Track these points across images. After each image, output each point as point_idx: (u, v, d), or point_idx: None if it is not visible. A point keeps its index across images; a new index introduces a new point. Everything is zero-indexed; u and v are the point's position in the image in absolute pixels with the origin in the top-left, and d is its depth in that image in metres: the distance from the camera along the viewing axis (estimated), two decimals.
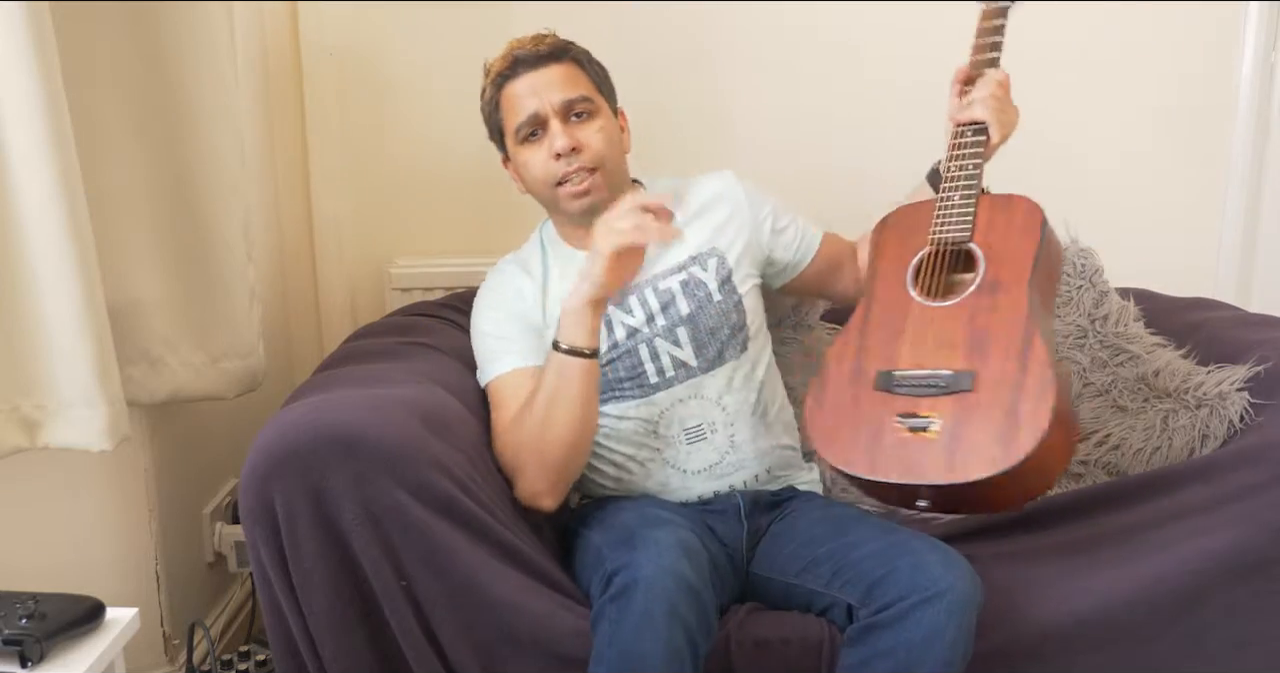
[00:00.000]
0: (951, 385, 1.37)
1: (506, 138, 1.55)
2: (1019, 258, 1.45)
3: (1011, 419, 1.31)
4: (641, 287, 1.54)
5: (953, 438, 1.34)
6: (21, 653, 1.12)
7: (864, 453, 1.39)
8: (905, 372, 1.41)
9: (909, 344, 1.43)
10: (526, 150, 1.52)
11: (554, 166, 1.49)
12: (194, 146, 1.48)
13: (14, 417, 1.30)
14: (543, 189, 1.52)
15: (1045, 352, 1.36)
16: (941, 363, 1.40)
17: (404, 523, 1.21)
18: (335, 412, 1.26)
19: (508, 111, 1.53)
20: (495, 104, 1.55)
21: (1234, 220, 2.23)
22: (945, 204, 1.53)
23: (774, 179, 2.09)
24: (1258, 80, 2.17)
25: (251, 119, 1.83)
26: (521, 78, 1.51)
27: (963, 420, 1.34)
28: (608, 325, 1.52)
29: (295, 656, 1.28)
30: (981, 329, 1.41)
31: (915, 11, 2.12)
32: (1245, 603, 1.36)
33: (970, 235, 1.48)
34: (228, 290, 1.55)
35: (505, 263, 1.64)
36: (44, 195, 1.22)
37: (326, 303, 2.15)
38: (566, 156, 1.47)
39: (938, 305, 1.45)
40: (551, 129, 1.48)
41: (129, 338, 1.46)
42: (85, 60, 1.35)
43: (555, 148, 1.47)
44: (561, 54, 1.53)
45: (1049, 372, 1.33)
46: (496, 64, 1.54)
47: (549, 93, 1.49)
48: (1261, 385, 1.59)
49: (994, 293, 1.43)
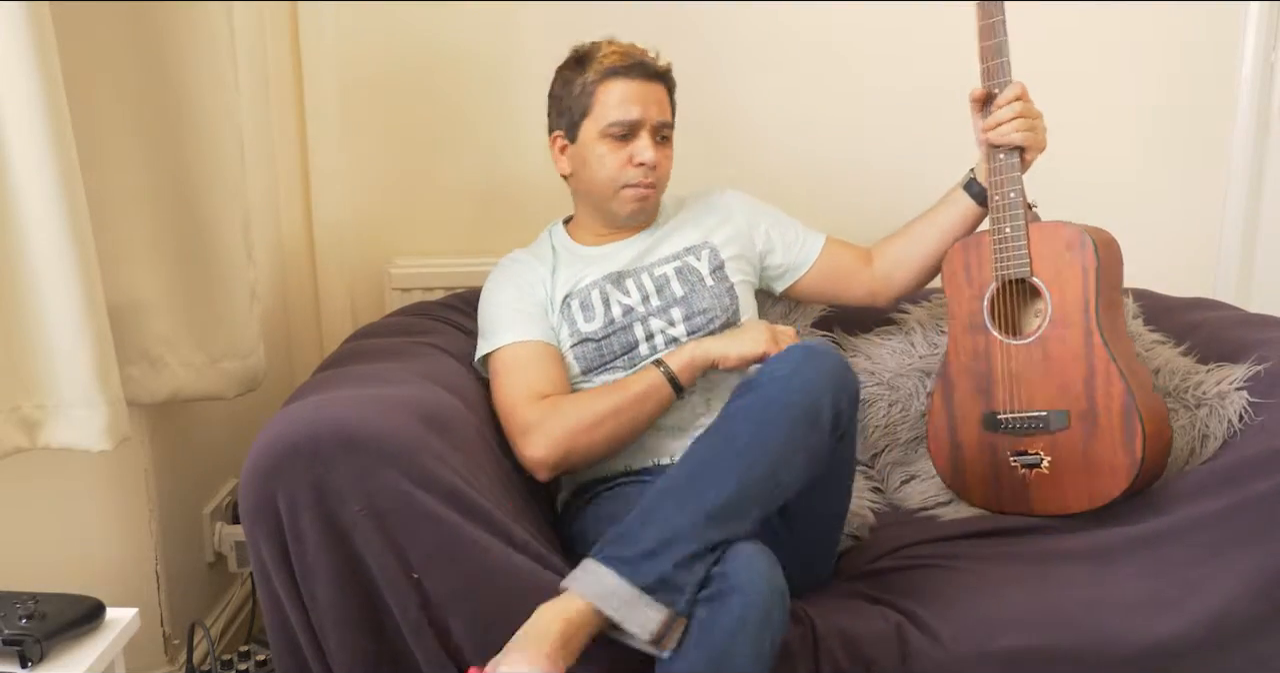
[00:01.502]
0: (1050, 424, 1.54)
1: (584, 124, 1.59)
2: (1077, 289, 1.55)
3: (1110, 455, 1.50)
4: (638, 273, 1.63)
5: (1062, 475, 1.54)
6: (21, 653, 1.12)
7: (992, 491, 1.63)
8: (1006, 414, 1.58)
9: (1002, 384, 1.60)
10: (607, 145, 1.58)
11: (630, 172, 1.59)
12: (194, 147, 1.48)
13: (14, 417, 1.30)
14: (605, 185, 1.60)
15: (1123, 385, 1.50)
16: (1036, 402, 1.56)
17: (412, 514, 1.21)
18: (336, 409, 1.26)
19: (607, 103, 1.57)
20: (592, 91, 1.58)
21: (1234, 220, 2.23)
22: (999, 237, 1.60)
23: (778, 180, 2.10)
24: (1258, 80, 2.17)
25: (251, 119, 1.83)
26: (636, 81, 1.57)
27: (1067, 458, 1.54)
28: (604, 303, 1.61)
29: (296, 654, 1.28)
30: (1062, 367, 1.54)
31: (919, 13, 2.12)
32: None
33: (1030, 268, 1.57)
34: (228, 290, 1.55)
35: (519, 253, 1.72)
36: (44, 195, 1.22)
37: (326, 303, 2.15)
38: (646, 169, 1.58)
39: (1017, 344, 1.59)
40: (642, 140, 1.58)
41: (129, 338, 1.46)
42: (85, 61, 1.35)
43: (641, 158, 1.57)
44: (667, 78, 1.62)
45: (1133, 403, 1.49)
46: (612, 56, 1.58)
47: (653, 108, 1.58)
48: (1261, 385, 1.59)
49: (1065, 328, 1.54)
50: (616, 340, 1.60)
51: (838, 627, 1.34)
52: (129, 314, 1.45)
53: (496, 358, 1.58)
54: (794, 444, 1.27)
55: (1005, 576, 1.45)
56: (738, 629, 1.16)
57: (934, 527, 1.63)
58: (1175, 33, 2.17)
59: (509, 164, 2.14)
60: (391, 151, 2.13)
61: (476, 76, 2.10)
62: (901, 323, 1.96)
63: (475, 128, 2.13)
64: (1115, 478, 1.50)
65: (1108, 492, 1.51)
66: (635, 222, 1.66)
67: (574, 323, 1.61)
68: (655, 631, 1.17)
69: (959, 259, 1.67)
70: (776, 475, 1.26)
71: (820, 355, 1.32)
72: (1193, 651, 1.32)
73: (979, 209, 1.67)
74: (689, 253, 1.66)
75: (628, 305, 1.61)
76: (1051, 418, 1.54)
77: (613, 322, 1.60)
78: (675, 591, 1.18)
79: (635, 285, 1.63)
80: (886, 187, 2.19)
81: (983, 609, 1.37)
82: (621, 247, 1.67)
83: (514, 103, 2.11)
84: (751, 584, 1.18)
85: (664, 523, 1.21)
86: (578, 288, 1.63)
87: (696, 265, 1.65)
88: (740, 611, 1.17)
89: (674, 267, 1.64)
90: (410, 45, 2.08)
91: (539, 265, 1.66)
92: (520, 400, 1.51)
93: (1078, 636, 1.33)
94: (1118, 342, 1.55)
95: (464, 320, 1.81)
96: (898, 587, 1.44)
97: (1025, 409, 1.57)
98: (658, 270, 1.64)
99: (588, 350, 1.60)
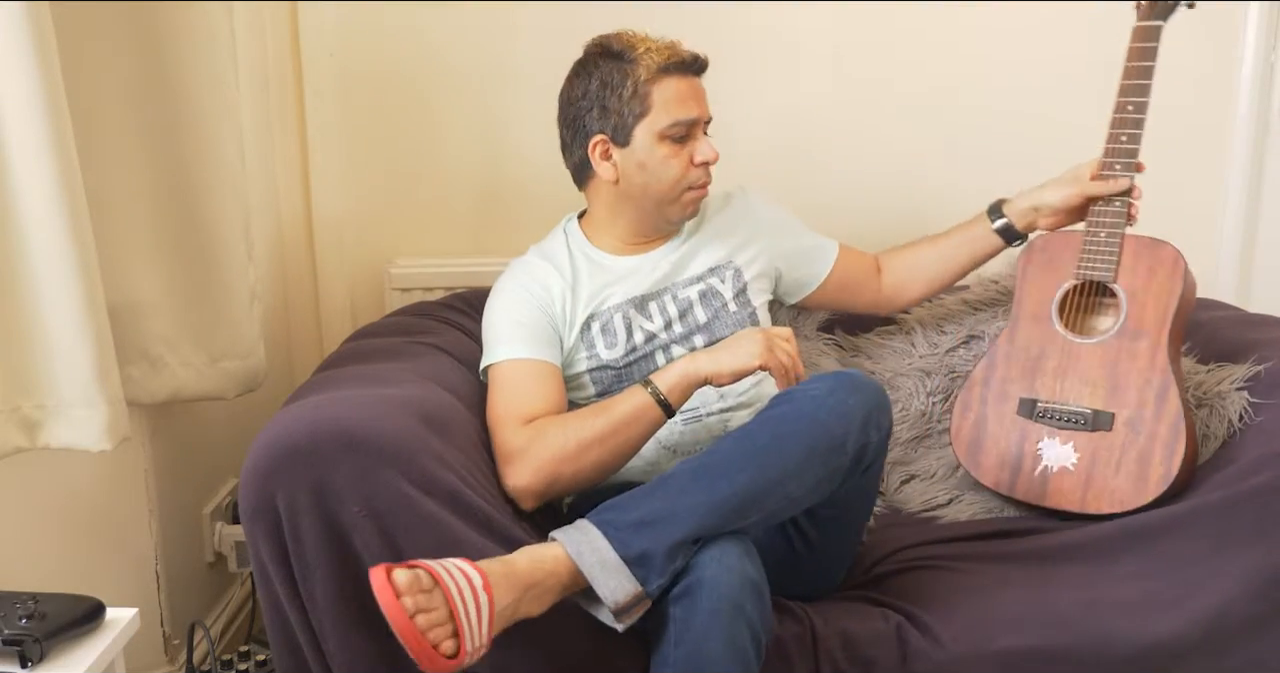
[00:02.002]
0: (1092, 423, 1.52)
1: (639, 126, 1.50)
2: (1161, 306, 1.55)
3: (1143, 465, 1.48)
4: (661, 295, 1.58)
5: (1089, 473, 1.52)
6: (21, 653, 1.12)
7: (1007, 473, 1.59)
8: (1048, 403, 1.56)
9: (1052, 375, 1.57)
10: (668, 147, 1.50)
11: (695, 173, 1.52)
12: (194, 147, 1.48)
13: (14, 417, 1.30)
14: (669, 187, 1.53)
15: (1179, 403, 1.49)
16: (1084, 399, 1.54)
17: (412, 515, 1.22)
18: (336, 410, 1.26)
19: (665, 103, 1.49)
20: (646, 91, 1.48)
21: (1234, 220, 2.23)
22: (1092, 240, 1.60)
23: (770, 181, 2.09)
24: (1258, 80, 2.17)
25: (251, 119, 1.83)
26: (688, 79, 1.50)
27: (1100, 458, 1.52)
28: (627, 329, 1.56)
29: (295, 653, 1.28)
30: (1123, 373, 1.53)
31: (920, 12, 2.12)
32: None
33: (1114, 275, 1.57)
34: (228, 290, 1.55)
35: (533, 256, 1.63)
36: (44, 195, 1.22)
37: (326, 303, 2.15)
38: (707, 168, 1.53)
39: (1082, 342, 1.57)
40: (701, 139, 1.52)
41: (129, 338, 1.46)
42: (85, 61, 1.35)
43: (704, 157, 1.51)
44: (704, 71, 1.54)
45: (1182, 422, 1.47)
46: (660, 53, 1.49)
47: (705, 104, 1.53)
48: (1261, 385, 1.59)
49: (1136, 339, 1.54)
50: (637, 369, 1.55)
51: (837, 627, 1.34)
52: (129, 314, 1.45)
53: (493, 372, 1.52)
54: (812, 462, 1.26)
55: (1004, 577, 1.45)
56: (710, 623, 1.16)
57: (933, 529, 1.63)
58: (1175, 32, 2.16)
59: (509, 164, 2.14)
60: (391, 151, 2.13)
61: (476, 76, 2.10)
62: (902, 323, 1.96)
63: (475, 128, 2.13)
64: (1145, 487, 1.49)
65: (1134, 499, 1.49)
66: (683, 224, 1.61)
67: (593, 347, 1.56)
68: (621, 602, 1.18)
69: (1044, 251, 1.66)
70: (786, 486, 1.25)
71: (862, 386, 1.31)
72: (1191, 651, 1.32)
73: (1005, 244, 1.70)
74: (713, 274, 1.61)
75: (650, 332, 1.57)
76: (1096, 417, 1.54)
77: (634, 349, 1.56)
78: (653, 571, 1.19)
79: (659, 309, 1.58)
80: (881, 189, 2.19)
81: (981, 610, 1.37)
82: (649, 261, 1.61)
83: (514, 103, 2.11)
84: (719, 577, 1.18)
85: (665, 501, 1.22)
86: (600, 309, 1.57)
87: (720, 289, 1.60)
88: (709, 604, 1.17)
89: (698, 290, 1.60)
90: (410, 45, 2.08)
91: (557, 278, 1.58)
92: (506, 423, 1.44)
93: (1076, 636, 1.33)
94: (1178, 363, 1.58)
95: (464, 320, 1.81)
96: (897, 589, 1.44)
97: (1070, 403, 1.56)
98: (681, 293, 1.59)
99: (606, 376, 1.56)
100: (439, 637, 1.08)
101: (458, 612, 1.09)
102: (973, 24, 2.13)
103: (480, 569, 1.13)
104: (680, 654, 1.17)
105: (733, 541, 1.23)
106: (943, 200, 2.16)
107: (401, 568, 1.10)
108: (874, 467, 1.36)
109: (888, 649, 1.32)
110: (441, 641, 1.08)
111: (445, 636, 1.09)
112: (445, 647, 1.08)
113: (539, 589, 1.17)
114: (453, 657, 1.09)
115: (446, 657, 1.08)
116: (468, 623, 1.09)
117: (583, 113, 1.52)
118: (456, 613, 1.09)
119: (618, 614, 1.18)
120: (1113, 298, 1.60)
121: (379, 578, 1.08)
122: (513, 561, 1.18)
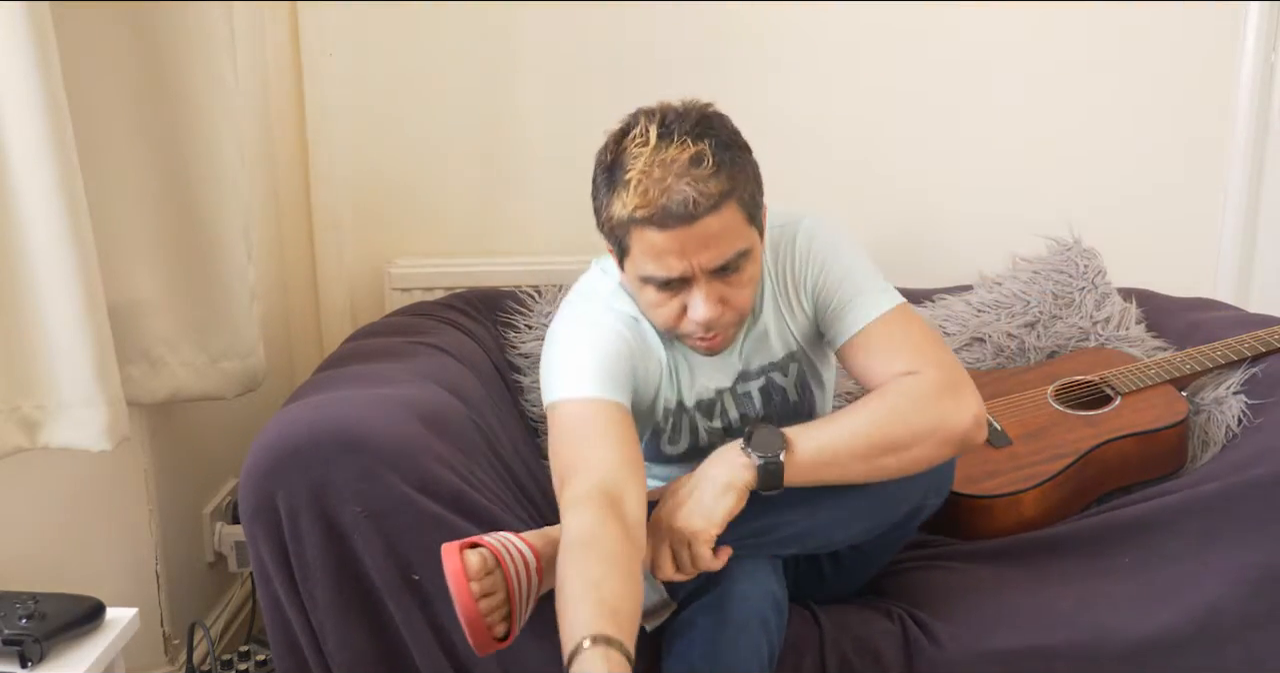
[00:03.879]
0: (994, 440, 1.63)
1: (627, 263, 1.25)
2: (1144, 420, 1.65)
3: (991, 478, 1.58)
4: (723, 393, 1.39)
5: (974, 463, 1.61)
6: (21, 653, 1.12)
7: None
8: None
9: (1007, 405, 1.70)
10: (654, 293, 1.24)
11: (688, 327, 1.25)
12: (194, 147, 1.48)
13: (14, 417, 1.30)
14: (658, 324, 1.30)
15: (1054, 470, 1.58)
16: (1004, 425, 1.66)
17: (412, 515, 1.22)
18: (336, 410, 1.26)
19: (640, 252, 1.21)
20: (621, 234, 1.22)
21: (1234, 220, 2.23)
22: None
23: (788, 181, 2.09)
24: (1258, 80, 2.17)
25: (251, 119, 1.83)
26: (669, 231, 1.17)
27: (973, 454, 1.58)
28: (691, 430, 1.39)
29: (295, 653, 1.28)
30: (1046, 430, 1.65)
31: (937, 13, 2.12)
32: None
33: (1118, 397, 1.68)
34: (228, 290, 1.55)
35: (628, 315, 1.34)
36: (44, 195, 1.23)
37: (326, 303, 2.15)
38: (705, 326, 1.24)
39: (1052, 403, 1.69)
40: (695, 293, 1.22)
41: (129, 338, 1.46)
42: (85, 61, 1.35)
43: (697, 315, 1.22)
44: (722, 199, 1.18)
45: (1038, 475, 1.57)
46: (635, 197, 1.16)
47: (700, 254, 1.19)
48: (1259, 386, 1.59)
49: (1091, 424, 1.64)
50: (692, 464, 1.30)
51: (843, 622, 1.35)
52: (129, 314, 1.45)
53: (563, 407, 1.25)
54: (867, 515, 1.27)
55: (1000, 574, 1.44)
56: (736, 636, 1.17)
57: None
58: (1175, 33, 2.17)
59: (509, 164, 2.14)
60: (391, 152, 2.13)
61: (476, 76, 2.10)
62: None
63: (475, 128, 2.13)
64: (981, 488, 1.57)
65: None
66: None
67: (658, 438, 1.41)
68: (647, 607, 1.19)
69: (1094, 352, 1.82)
70: (831, 532, 1.27)
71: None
72: (1187, 645, 1.32)
73: None
74: (775, 369, 1.38)
75: (712, 434, 1.39)
76: (1001, 436, 1.65)
77: (695, 447, 1.39)
78: (682, 585, 1.20)
79: (720, 411, 1.39)
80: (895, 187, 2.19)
81: (979, 609, 1.37)
82: (717, 361, 1.37)
83: (514, 103, 2.11)
84: (749, 592, 1.19)
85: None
86: (699, 401, 1.38)
87: (782, 383, 1.39)
88: (738, 617, 1.17)
89: (758, 386, 1.39)
90: (410, 45, 2.08)
91: (660, 355, 1.34)
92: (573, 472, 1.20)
93: (1073, 633, 1.33)
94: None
95: (464, 320, 1.81)
96: (896, 590, 1.44)
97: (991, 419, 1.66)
98: (741, 389, 1.38)
99: (658, 460, 1.43)
100: (495, 620, 1.09)
101: (515, 595, 1.10)
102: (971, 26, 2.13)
103: (535, 549, 1.13)
104: (703, 664, 1.17)
105: (761, 558, 1.24)
106: (961, 201, 2.17)
107: (470, 548, 1.10)
108: (920, 519, 1.36)
109: (893, 645, 1.33)
110: (496, 624, 1.09)
111: (500, 618, 1.10)
112: (498, 630, 1.10)
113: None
114: (503, 639, 1.10)
115: (498, 639, 1.09)
116: (521, 606, 1.10)
117: (598, 225, 1.27)
118: (514, 596, 1.10)
119: (645, 616, 1.19)
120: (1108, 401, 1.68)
121: (453, 561, 1.08)
122: (556, 538, 1.15)
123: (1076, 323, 1.88)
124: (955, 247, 2.18)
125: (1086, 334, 1.87)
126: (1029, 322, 1.90)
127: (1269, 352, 1.65)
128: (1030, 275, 1.95)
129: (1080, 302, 1.90)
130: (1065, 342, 1.87)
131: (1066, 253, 1.96)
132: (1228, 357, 1.66)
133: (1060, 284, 1.92)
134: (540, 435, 1.79)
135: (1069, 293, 1.91)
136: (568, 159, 2.12)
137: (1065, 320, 1.89)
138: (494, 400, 1.65)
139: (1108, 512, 1.51)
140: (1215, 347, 1.69)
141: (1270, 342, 1.66)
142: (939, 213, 2.20)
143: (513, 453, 1.56)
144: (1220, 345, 1.69)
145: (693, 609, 1.22)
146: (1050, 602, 1.37)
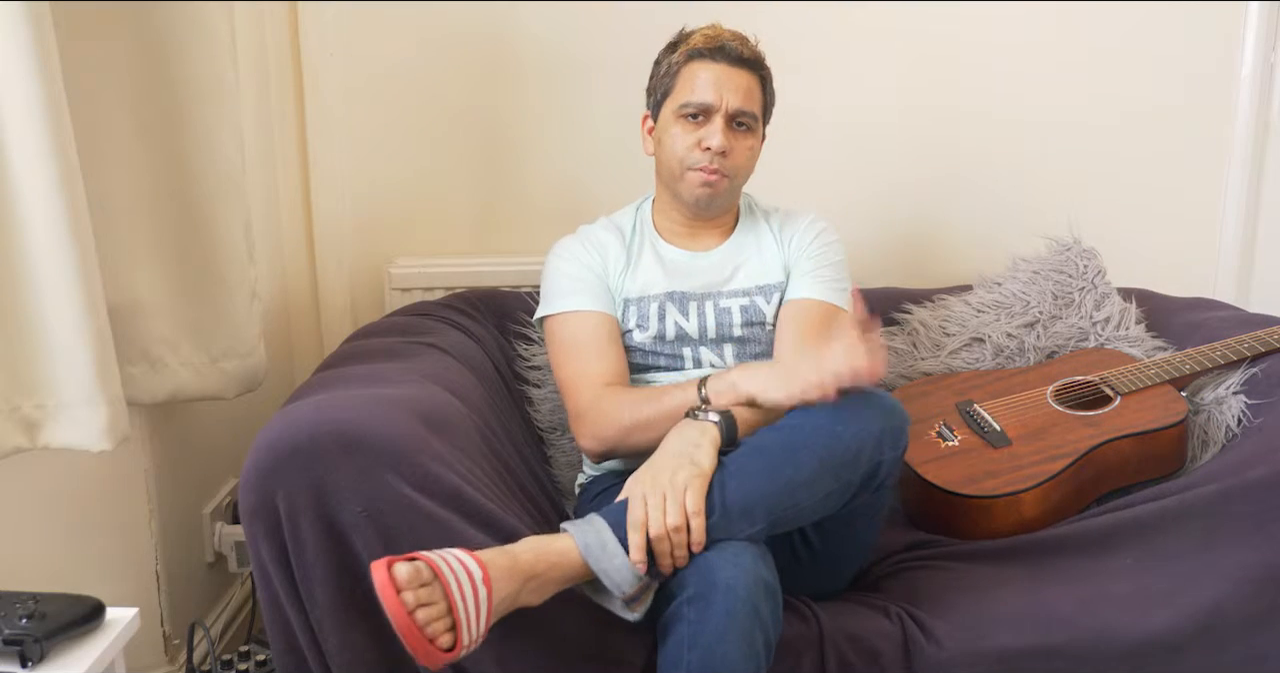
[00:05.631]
0: (994, 440, 1.64)
1: (666, 103, 1.59)
2: (1145, 419, 1.64)
3: (990, 478, 1.58)
4: (704, 299, 1.61)
5: (959, 455, 1.63)
6: (21, 653, 1.12)
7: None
8: (980, 409, 1.71)
9: (1006, 405, 1.71)
10: (680, 124, 1.56)
11: (696, 154, 1.55)
12: (194, 147, 1.48)
13: (14, 417, 1.30)
14: (674, 164, 1.58)
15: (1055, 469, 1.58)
16: (1003, 425, 1.67)
17: (412, 515, 1.22)
18: (336, 410, 1.26)
19: (685, 84, 1.56)
20: (676, 72, 1.57)
21: (1234, 220, 2.23)
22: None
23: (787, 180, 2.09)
24: (1258, 80, 2.17)
25: (251, 119, 1.83)
26: (716, 65, 1.55)
27: (973, 454, 1.62)
28: (660, 317, 1.60)
29: (295, 653, 1.28)
30: (1046, 430, 1.65)
31: (937, 13, 2.12)
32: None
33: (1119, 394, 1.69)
34: (228, 290, 1.55)
35: (601, 225, 1.69)
36: (44, 195, 1.22)
37: (326, 303, 2.15)
38: (712, 154, 1.54)
39: (1051, 404, 1.69)
40: (714, 124, 1.54)
41: (129, 338, 1.46)
42: (85, 61, 1.35)
43: (709, 142, 1.53)
44: (757, 67, 1.58)
45: (1037, 475, 1.57)
46: (699, 38, 1.57)
47: (731, 94, 1.54)
48: (1259, 386, 1.59)
49: (1096, 425, 1.64)
50: (663, 357, 1.60)
51: (842, 622, 1.35)
52: (129, 314, 1.45)
53: (555, 323, 1.59)
54: (824, 474, 1.26)
55: (1000, 574, 1.45)
56: (726, 626, 1.16)
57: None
58: (1175, 32, 2.17)
59: (509, 164, 2.14)
60: (391, 152, 2.13)
61: (476, 76, 2.10)
62: (904, 324, 1.96)
63: (476, 128, 2.13)
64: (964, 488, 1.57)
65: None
66: (703, 208, 1.61)
67: (625, 324, 1.61)
68: (629, 592, 1.19)
69: (1093, 352, 1.83)
70: (795, 496, 1.26)
71: (881, 403, 1.31)
72: (1188, 645, 1.33)
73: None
74: (760, 292, 1.62)
75: (683, 331, 1.60)
76: (1001, 436, 1.65)
77: (662, 338, 1.59)
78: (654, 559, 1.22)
79: (697, 313, 1.61)
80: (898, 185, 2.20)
81: (978, 609, 1.37)
82: (703, 260, 1.64)
83: (514, 103, 2.11)
84: (736, 580, 1.18)
85: None
86: (644, 295, 1.61)
87: (764, 308, 1.61)
88: (726, 606, 1.17)
89: (740, 304, 1.61)
90: (410, 45, 2.08)
91: (619, 250, 1.64)
92: (578, 386, 1.53)
93: (1073, 632, 1.33)
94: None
95: (464, 320, 1.81)
96: (895, 590, 1.44)
97: (992, 420, 1.68)
98: (723, 303, 1.61)
99: (632, 356, 1.60)
100: (437, 631, 1.09)
101: (456, 606, 1.09)
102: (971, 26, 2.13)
103: (480, 561, 1.14)
104: (695, 657, 1.17)
105: (746, 546, 1.23)
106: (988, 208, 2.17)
107: (402, 561, 1.10)
108: (885, 484, 1.35)
109: (892, 644, 1.33)
110: (440, 634, 1.09)
111: (444, 629, 1.09)
112: (443, 640, 1.09)
113: (540, 581, 1.18)
114: (449, 650, 1.09)
115: (444, 650, 1.09)
116: (465, 617, 1.10)
117: (648, 91, 1.64)
118: (455, 607, 1.09)
119: (628, 603, 1.20)
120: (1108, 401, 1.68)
121: (380, 573, 1.09)
122: (516, 551, 1.18)
123: (1076, 323, 1.88)
124: (955, 247, 2.19)
125: (1086, 334, 1.87)
126: (1029, 322, 1.90)
127: (1269, 352, 1.65)
128: (1030, 276, 1.95)
129: (1080, 302, 1.90)
130: (1065, 342, 1.87)
131: (1066, 253, 1.96)
132: (1227, 357, 1.66)
133: (1060, 284, 1.92)
134: (546, 444, 1.81)
135: (1069, 293, 1.91)
136: (568, 160, 2.12)
137: (1065, 321, 1.89)
138: (494, 400, 1.65)
139: (1108, 512, 1.51)
140: (1215, 347, 1.69)
141: (1270, 342, 1.66)
142: (939, 213, 2.21)
143: (513, 453, 1.56)
144: (1220, 345, 1.68)
145: (680, 602, 1.21)
146: (1050, 602, 1.37)
